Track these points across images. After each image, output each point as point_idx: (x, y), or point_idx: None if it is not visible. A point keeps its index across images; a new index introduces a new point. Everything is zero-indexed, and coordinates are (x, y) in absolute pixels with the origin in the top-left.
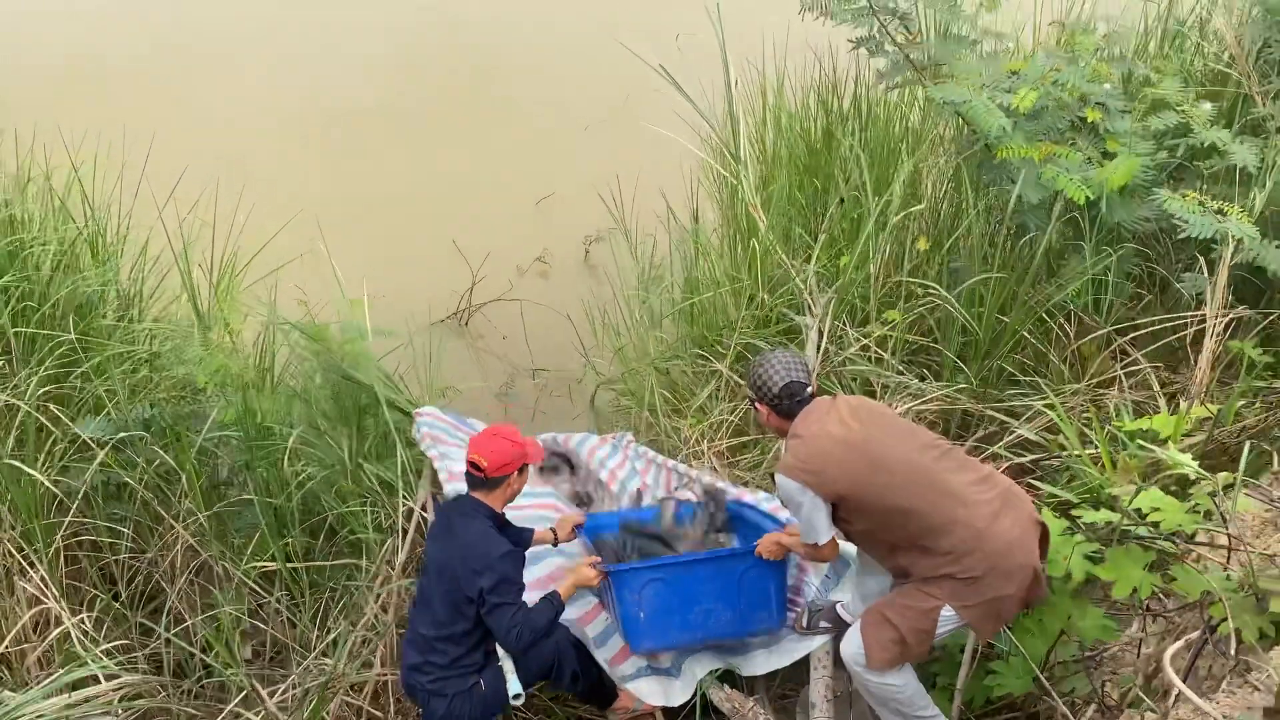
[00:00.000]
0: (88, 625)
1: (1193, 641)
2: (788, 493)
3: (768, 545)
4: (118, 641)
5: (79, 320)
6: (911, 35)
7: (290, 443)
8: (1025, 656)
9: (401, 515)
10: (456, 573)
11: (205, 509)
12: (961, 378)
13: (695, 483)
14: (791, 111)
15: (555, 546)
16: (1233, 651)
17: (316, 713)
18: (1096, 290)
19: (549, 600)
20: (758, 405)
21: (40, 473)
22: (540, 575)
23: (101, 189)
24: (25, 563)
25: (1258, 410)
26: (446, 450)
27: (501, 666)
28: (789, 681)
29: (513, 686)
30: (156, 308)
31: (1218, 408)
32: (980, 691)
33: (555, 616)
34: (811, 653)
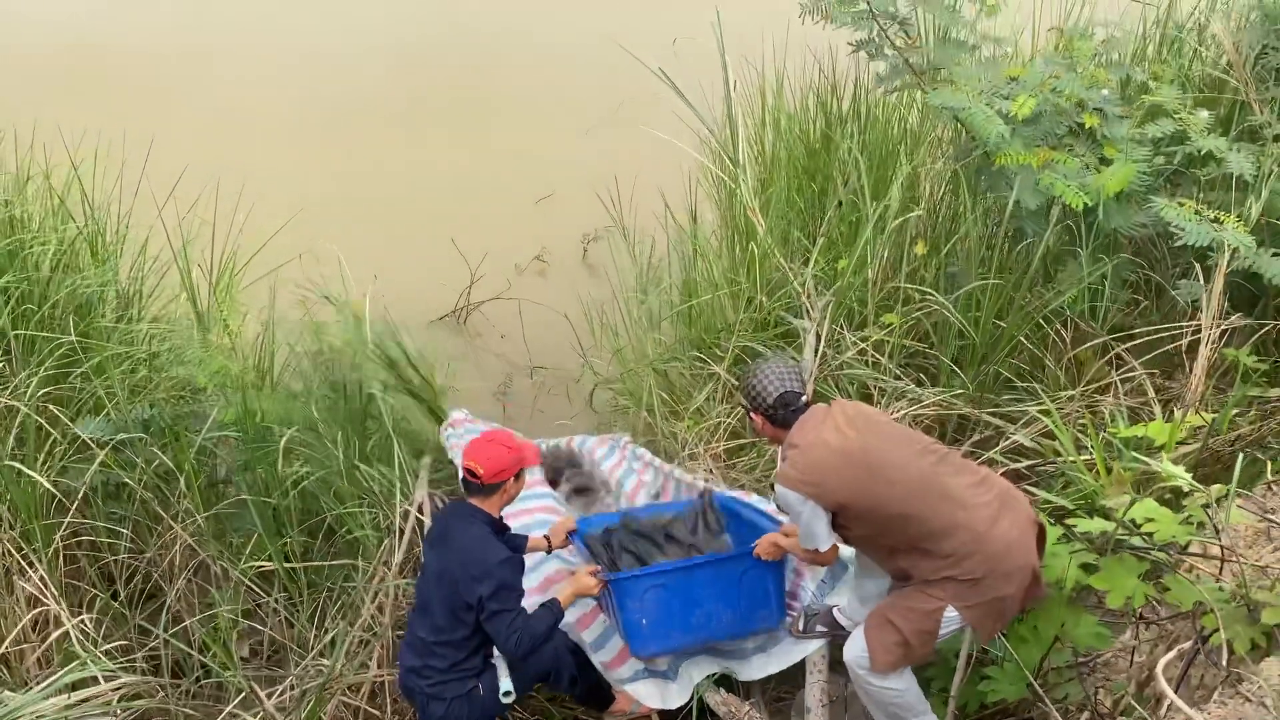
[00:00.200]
0: (87, 625)
1: (1185, 651)
2: (788, 502)
3: (766, 547)
4: (117, 642)
5: (79, 320)
6: (911, 39)
7: (285, 442)
8: (1019, 662)
9: (399, 516)
10: (455, 579)
11: (204, 509)
12: (958, 382)
13: (691, 488)
14: (790, 113)
15: (549, 554)
16: (1224, 662)
17: (314, 713)
18: (1093, 296)
19: (549, 607)
20: (752, 415)
21: (40, 473)
22: (539, 580)
23: (101, 188)
24: (25, 563)
25: (1252, 418)
26: None
27: (496, 666)
28: (784, 685)
29: (503, 684)
30: (156, 307)
31: (1212, 415)
32: (974, 697)
33: (555, 623)
34: (807, 657)
